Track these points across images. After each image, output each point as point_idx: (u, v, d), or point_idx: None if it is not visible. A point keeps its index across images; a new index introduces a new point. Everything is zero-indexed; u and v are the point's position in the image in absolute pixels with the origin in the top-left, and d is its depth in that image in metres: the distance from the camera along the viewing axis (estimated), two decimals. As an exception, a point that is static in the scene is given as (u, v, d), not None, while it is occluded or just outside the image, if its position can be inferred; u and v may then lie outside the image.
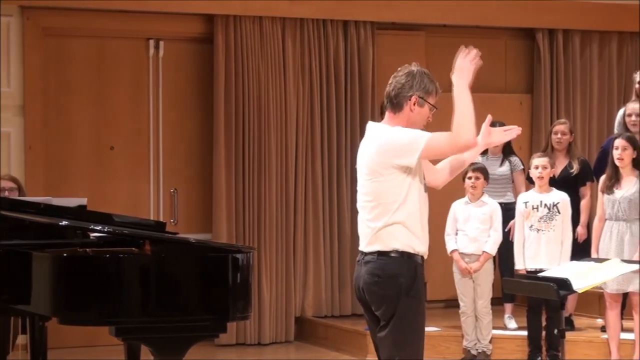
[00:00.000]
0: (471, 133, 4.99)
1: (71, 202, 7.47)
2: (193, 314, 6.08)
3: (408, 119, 5.18)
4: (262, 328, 10.05)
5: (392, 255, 5.11)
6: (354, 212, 10.49)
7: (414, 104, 5.18)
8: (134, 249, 6.52)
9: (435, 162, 5.41)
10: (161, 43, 10.18)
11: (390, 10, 10.47)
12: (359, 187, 5.27)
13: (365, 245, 5.20)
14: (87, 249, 6.59)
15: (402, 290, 5.10)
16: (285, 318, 10.19)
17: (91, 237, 6.83)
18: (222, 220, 9.95)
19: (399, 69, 5.28)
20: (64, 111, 9.89)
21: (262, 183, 10.08)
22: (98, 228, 6.59)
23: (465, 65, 5.08)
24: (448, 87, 5.20)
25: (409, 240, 5.12)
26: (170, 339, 6.03)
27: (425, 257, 5.25)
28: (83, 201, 7.44)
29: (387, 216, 5.10)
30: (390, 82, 5.24)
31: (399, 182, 5.08)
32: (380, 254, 5.13)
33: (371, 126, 5.31)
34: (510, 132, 5.41)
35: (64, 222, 6.57)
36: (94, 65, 9.99)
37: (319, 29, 10.34)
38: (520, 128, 5.39)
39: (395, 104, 5.19)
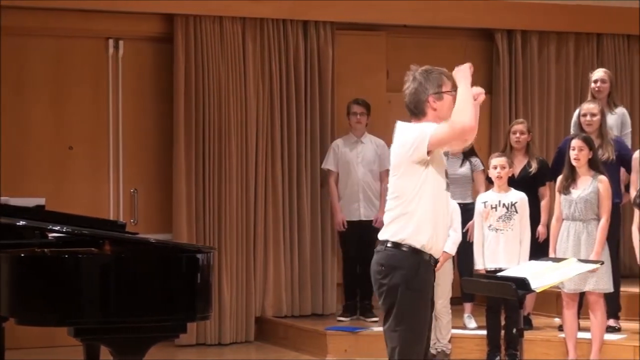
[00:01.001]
0: (467, 117, 5.18)
1: (29, 202, 7.44)
2: (153, 315, 6.07)
3: (434, 117, 5.35)
4: (222, 328, 10.04)
5: (398, 246, 5.28)
6: (314, 212, 10.59)
7: (434, 102, 5.36)
8: (93, 249, 6.49)
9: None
10: (121, 42, 10.14)
11: (350, 10, 10.49)
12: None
13: (379, 234, 5.39)
14: (46, 249, 6.55)
15: (402, 282, 5.23)
16: (246, 318, 10.18)
17: (49, 238, 6.79)
18: (182, 221, 9.93)
19: (405, 79, 5.45)
20: (22, 111, 9.82)
21: (222, 183, 10.06)
22: (57, 228, 6.56)
23: (463, 66, 5.35)
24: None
25: (417, 234, 5.26)
26: (130, 339, 6.02)
27: (436, 256, 5.37)
28: (41, 201, 7.41)
29: (400, 208, 5.29)
30: (405, 92, 5.42)
31: (415, 178, 5.27)
32: (388, 243, 5.31)
33: (399, 125, 5.46)
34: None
35: (22, 222, 6.54)
36: (52, 65, 9.93)
37: (279, 29, 10.35)
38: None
39: (418, 112, 5.38)
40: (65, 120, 9.97)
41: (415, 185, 5.26)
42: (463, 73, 5.32)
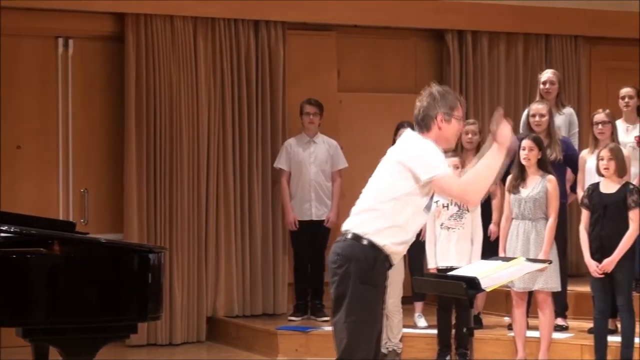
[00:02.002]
0: (479, 196, 5.31)
1: (-23, 202, 7.36)
2: (103, 315, 6.04)
3: (437, 136, 5.41)
4: (173, 328, 10.01)
5: (358, 239, 5.29)
6: (265, 212, 10.58)
7: (441, 121, 5.39)
8: (42, 249, 6.44)
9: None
10: (70, 41, 10.07)
11: (301, 10, 10.50)
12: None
13: (344, 223, 5.40)
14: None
15: (356, 274, 5.24)
16: (197, 318, 10.16)
17: (-2, 238, 6.73)
18: (133, 220, 9.88)
19: (421, 91, 5.50)
20: (-31, 110, 9.74)
21: (173, 183, 10.03)
22: (4, 228, 6.49)
23: (507, 132, 5.29)
24: (365, 87, 5.36)
25: (379, 234, 5.28)
26: (80, 340, 5.99)
27: (393, 262, 5.39)
28: (-11, 201, 7.33)
29: (375, 202, 5.31)
30: (415, 105, 5.47)
31: (406, 185, 5.29)
32: (349, 234, 5.31)
33: (408, 132, 5.53)
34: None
35: (-32, 223, 6.47)
36: (1, 64, 9.83)
37: (230, 29, 10.33)
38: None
39: (423, 125, 5.42)
40: (13, 120, 9.87)
41: (401, 190, 5.27)
42: (506, 139, 5.25)
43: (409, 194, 5.29)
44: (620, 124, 9.15)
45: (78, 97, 10.10)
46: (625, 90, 9.37)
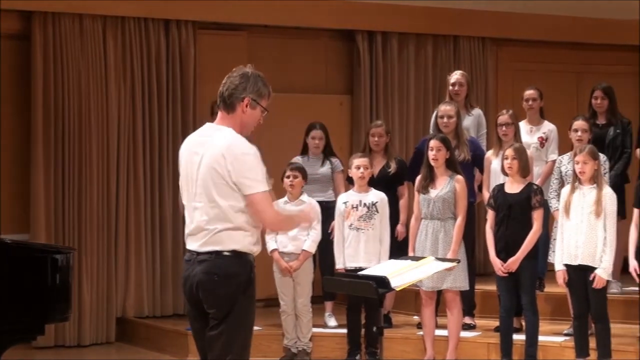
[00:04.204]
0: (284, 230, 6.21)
1: None
2: (8, 316, 5.98)
3: (241, 121, 5.26)
4: (82, 329, 9.92)
5: (230, 255, 5.17)
6: (176, 212, 10.51)
7: (246, 106, 5.25)
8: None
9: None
10: (-25, 40, 9.92)
11: (211, 10, 10.47)
12: (192, 187, 5.27)
13: (199, 246, 5.21)
14: None
15: (239, 289, 5.18)
16: (106, 319, 10.08)
17: None
18: (40, 220, 9.77)
19: (234, 69, 5.33)
20: None
21: (82, 183, 9.94)
22: None
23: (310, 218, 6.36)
24: (275, 87, 5.34)
25: (246, 240, 5.19)
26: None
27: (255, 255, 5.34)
28: None
29: (226, 219, 5.15)
30: (224, 81, 5.28)
31: (230, 187, 5.15)
32: (218, 253, 5.17)
33: (211, 128, 5.30)
34: None
35: None
36: None
37: (140, 28, 10.26)
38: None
39: (229, 104, 5.25)
40: None
41: (240, 196, 5.17)
42: (307, 221, 6.25)
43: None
44: (523, 125, 9.31)
45: (-17, 96, 9.95)
46: (529, 93, 9.53)
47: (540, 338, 8.19)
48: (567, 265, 7.82)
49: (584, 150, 7.80)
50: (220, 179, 5.14)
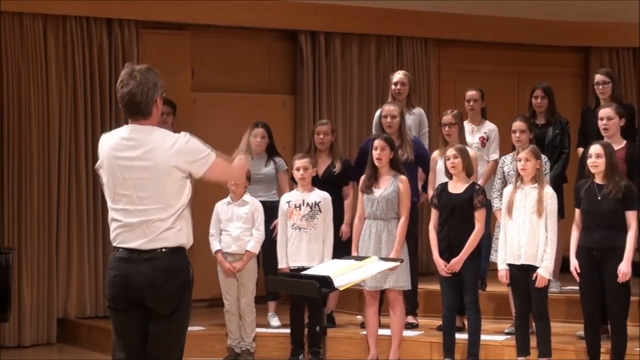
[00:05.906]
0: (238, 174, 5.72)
1: None
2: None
3: (155, 120, 5.24)
4: (22, 330, 9.83)
5: (176, 251, 5.18)
6: (118, 212, 10.34)
7: (160, 104, 5.26)
8: None
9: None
10: None
11: (155, 9, 10.42)
12: (130, 186, 5.27)
13: (145, 243, 5.19)
14: None
15: (186, 285, 5.20)
16: (47, 319, 10.00)
17: None
18: (-20, 221, 9.68)
19: (123, 73, 5.21)
20: None
21: (22, 182, 9.84)
22: None
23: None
24: (219, 87, 5.33)
25: (189, 237, 5.24)
26: None
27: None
28: None
29: (173, 215, 5.16)
30: (125, 82, 5.17)
31: (182, 183, 5.18)
32: (166, 249, 5.17)
33: (139, 130, 5.25)
34: None
35: None
36: None
37: (82, 27, 10.18)
38: None
39: (147, 111, 5.19)
40: None
41: (184, 191, 5.19)
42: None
43: (188, 188, 5.27)
44: (465, 125, 9.38)
45: None
46: (470, 94, 9.62)
47: (483, 337, 8.25)
48: (510, 265, 7.90)
49: (526, 149, 7.89)
50: (178, 173, 5.16)
